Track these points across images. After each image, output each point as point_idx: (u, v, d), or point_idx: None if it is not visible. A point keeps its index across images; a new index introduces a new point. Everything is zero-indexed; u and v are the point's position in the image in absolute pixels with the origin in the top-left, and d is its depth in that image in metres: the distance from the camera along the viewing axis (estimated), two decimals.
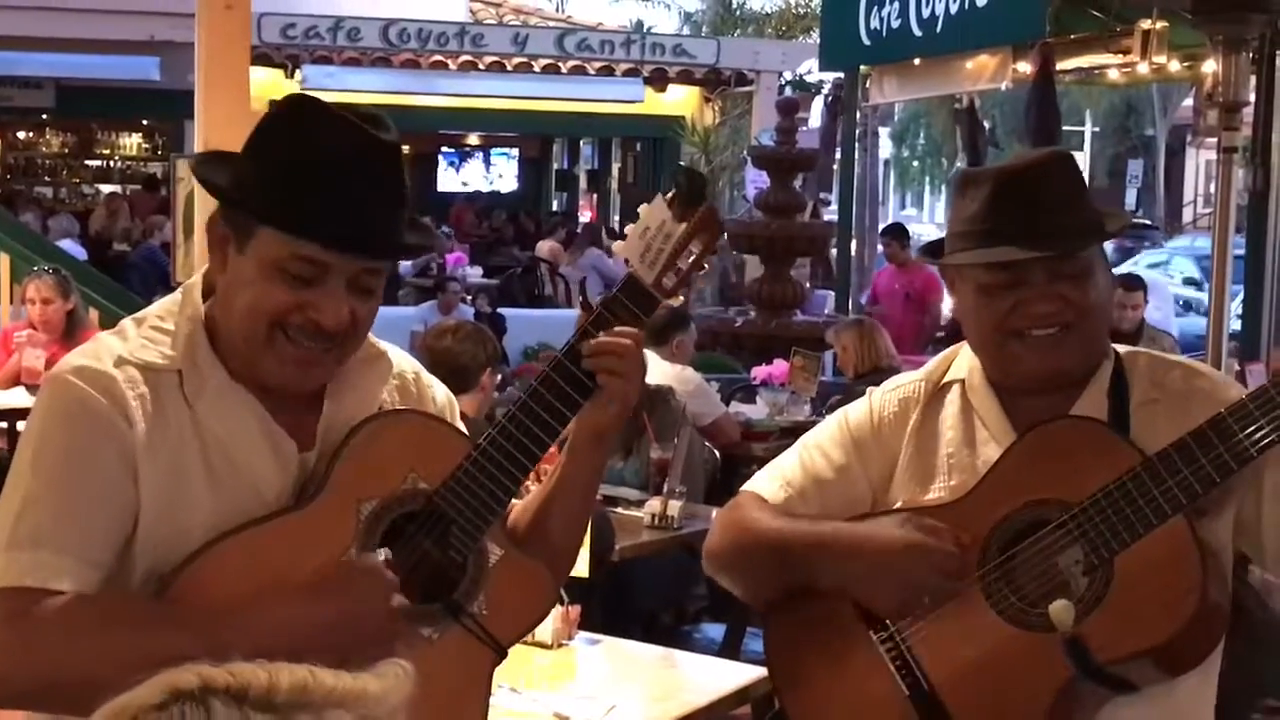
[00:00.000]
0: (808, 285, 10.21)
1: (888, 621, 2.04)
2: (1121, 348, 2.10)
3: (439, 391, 2.02)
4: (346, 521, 1.79)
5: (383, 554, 1.77)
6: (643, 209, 1.89)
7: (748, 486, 2.22)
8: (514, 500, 1.91)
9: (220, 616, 1.68)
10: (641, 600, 5.05)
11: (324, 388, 1.86)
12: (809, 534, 2.07)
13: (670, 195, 1.89)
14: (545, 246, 16.29)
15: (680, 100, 16.75)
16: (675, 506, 4.66)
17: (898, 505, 2.11)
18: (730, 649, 4.66)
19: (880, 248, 11.15)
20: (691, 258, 1.88)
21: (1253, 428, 1.86)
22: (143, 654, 1.51)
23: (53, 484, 1.71)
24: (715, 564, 2.21)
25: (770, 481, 2.19)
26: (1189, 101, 21.79)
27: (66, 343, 6.76)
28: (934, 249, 2.17)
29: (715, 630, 5.14)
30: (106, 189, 20.18)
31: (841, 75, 11.40)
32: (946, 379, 2.15)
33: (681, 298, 1.93)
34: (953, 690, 1.99)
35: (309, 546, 1.77)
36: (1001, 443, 2.04)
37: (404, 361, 2.00)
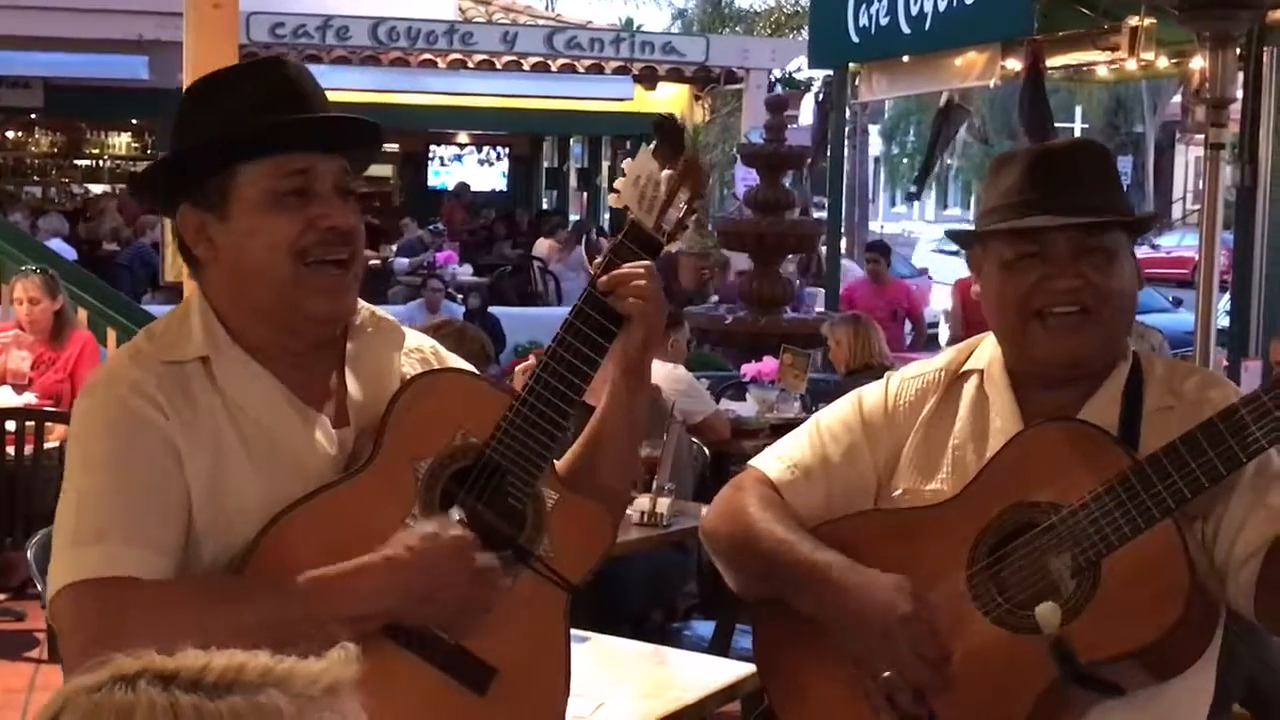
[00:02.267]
0: (797, 283, 10.22)
1: None
2: (1141, 351, 2.10)
3: (460, 364, 2.08)
4: (405, 482, 1.86)
5: (455, 514, 1.83)
6: (627, 163, 1.97)
7: (754, 463, 2.22)
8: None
9: (311, 585, 1.73)
10: (630, 598, 5.04)
11: (341, 365, 1.92)
12: (804, 560, 2.05)
13: (654, 146, 1.97)
14: (544, 245, 16.27)
15: (670, 98, 16.74)
16: (664, 504, 4.66)
17: (898, 492, 2.11)
18: (720, 646, 4.66)
19: (869, 265, 11.26)
20: (683, 204, 1.96)
21: (1243, 433, 1.86)
22: (238, 626, 1.62)
23: (106, 481, 1.76)
24: (709, 543, 2.21)
25: (778, 461, 2.19)
26: (1178, 98, 21.83)
27: (54, 343, 6.76)
28: (962, 235, 2.19)
29: (705, 628, 5.14)
30: (96, 189, 20.13)
31: (831, 73, 11.41)
32: (966, 368, 2.15)
33: (680, 242, 2.01)
34: (938, 691, 1.98)
35: (375, 510, 1.83)
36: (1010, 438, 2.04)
37: (419, 338, 2.08)
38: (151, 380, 1.80)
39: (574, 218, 20.37)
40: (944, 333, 13.53)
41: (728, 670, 3.24)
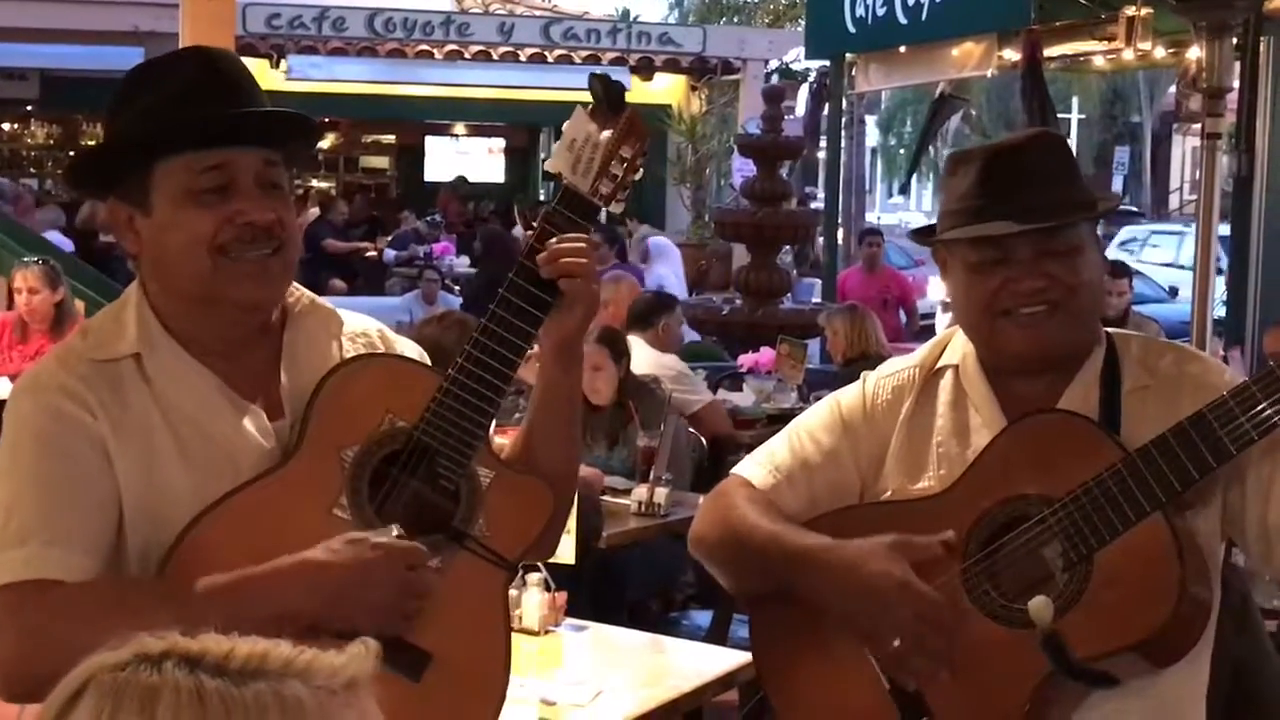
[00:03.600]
0: (794, 273, 10.23)
1: None
2: (1114, 331, 2.10)
3: (408, 347, 2.04)
4: (331, 471, 1.82)
5: (395, 530, 1.78)
6: (565, 125, 1.92)
7: (737, 470, 2.22)
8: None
9: (230, 587, 1.70)
10: (629, 587, 5.05)
11: (279, 356, 1.89)
12: (797, 545, 2.05)
13: (590, 107, 1.93)
14: None
15: (666, 89, 16.74)
16: (662, 494, 4.67)
17: (886, 495, 2.11)
18: (717, 635, 4.67)
19: (865, 249, 11.17)
20: (625, 164, 1.92)
21: (1232, 424, 1.86)
22: (154, 627, 1.57)
23: (31, 483, 1.74)
24: (699, 550, 2.20)
25: (758, 466, 2.18)
26: (1175, 88, 21.81)
27: (55, 333, 6.71)
28: (925, 232, 2.18)
29: (702, 617, 5.15)
30: None
31: (827, 63, 11.41)
32: (940, 364, 2.14)
33: (621, 203, 1.95)
34: (932, 684, 1.99)
35: (299, 502, 1.80)
36: (992, 430, 2.03)
37: (364, 322, 2.02)
38: (79, 381, 1.78)
39: None
40: (941, 321, 13.51)
41: (725, 659, 3.25)
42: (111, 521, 1.76)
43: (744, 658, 3.19)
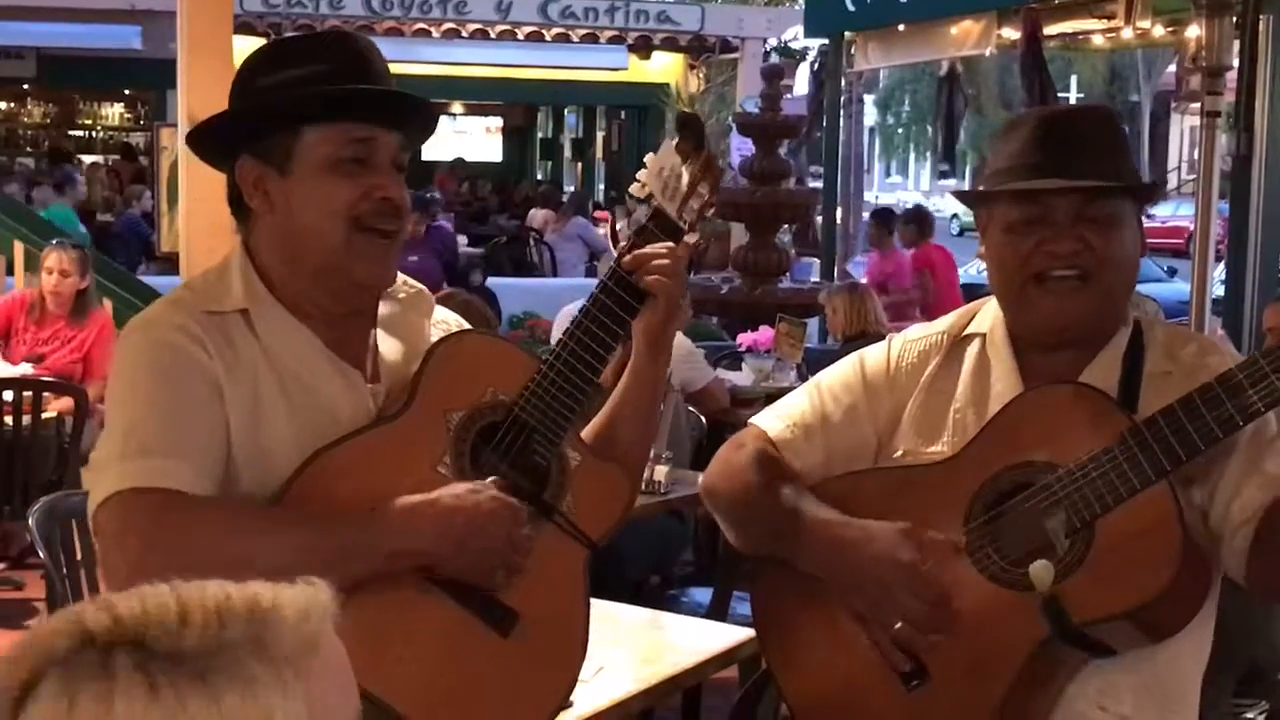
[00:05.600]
0: (792, 252, 10.21)
1: None
2: (1141, 317, 2.11)
3: None
4: (437, 431, 1.94)
5: (492, 481, 1.90)
6: (650, 157, 2.05)
7: (755, 421, 2.24)
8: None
9: (363, 515, 1.80)
10: (628, 565, 5.06)
11: (372, 325, 2.00)
12: (804, 518, 2.07)
13: (677, 141, 2.06)
14: (539, 216, 16.24)
15: (665, 67, 16.70)
16: (662, 472, 4.67)
17: (898, 455, 2.13)
18: (717, 612, 4.68)
19: (898, 230, 10.62)
20: (702, 200, 2.06)
21: (1239, 398, 1.86)
22: (288, 545, 1.72)
23: (150, 408, 1.81)
24: (711, 501, 2.23)
25: (777, 419, 2.21)
26: (1174, 67, 21.79)
27: (74, 319, 6.68)
28: (968, 196, 2.20)
29: (702, 594, 5.16)
30: (89, 159, 20.07)
31: (826, 41, 11.38)
32: (968, 331, 2.17)
33: (698, 235, 2.12)
34: (931, 646, 2.01)
35: (408, 454, 1.91)
36: None
37: (444, 311, 2.17)
38: (194, 323, 1.85)
39: (568, 188, 20.32)
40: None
41: (726, 635, 3.26)
42: (223, 455, 1.83)
43: (745, 634, 3.20)
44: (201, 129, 1.99)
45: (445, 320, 2.14)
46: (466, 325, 2.16)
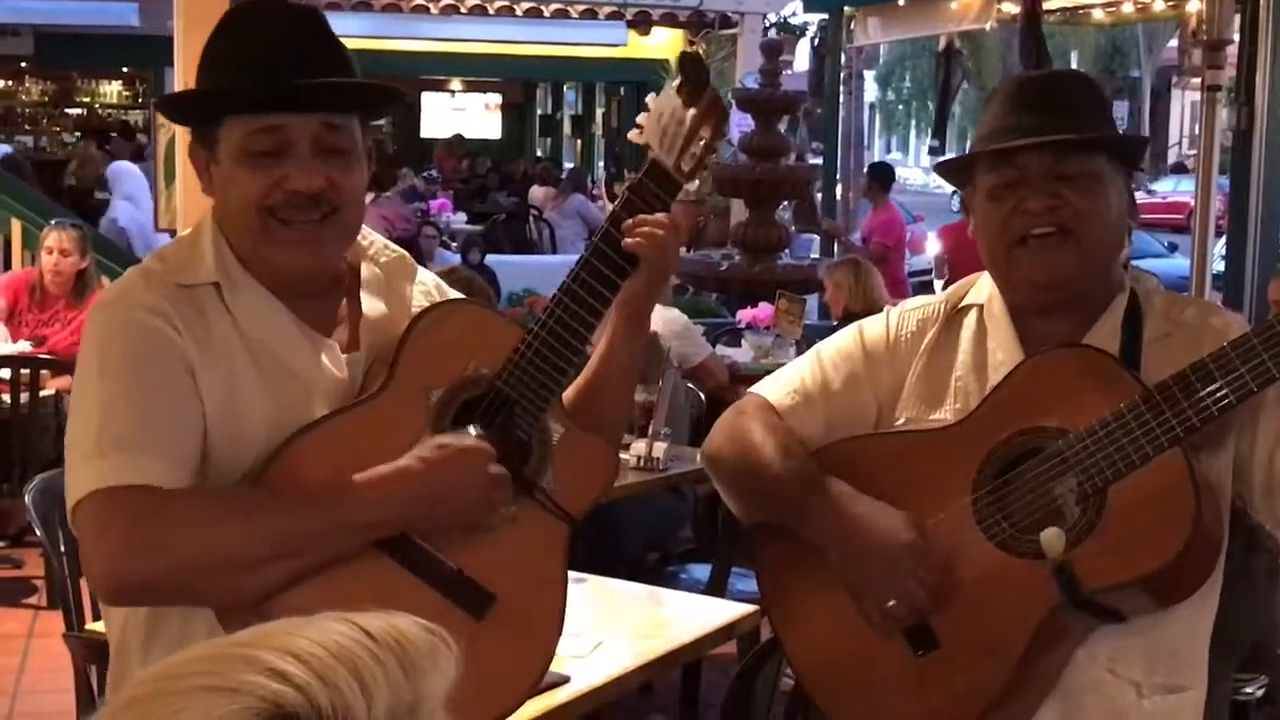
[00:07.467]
0: (792, 229, 10.19)
1: None
2: (1137, 285, 2.10)
3: (456, 297, 2.11)
4: (417, 409, 1.90)
5: (472, 430, 1.86)
6: (651, 98, 1.98)
7: (756, 389, 2.23)
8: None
9: (329, 493, 1.78)
10: (626, 541, 5.07)
11: (352, 292, 1.96)
12: (808, 488, 2.06)
13: (678, 83, 1.97)
14: (539, 193, 16.21)
15: (664, 43, 16.61)
16: (660, 448, 4.67)
17: (900, 422, 2.12)
18: (716, 588, 4.68)
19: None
20: (703, 142, 1.96)
21: (1254, 363, 1.84)
22: (257, 533, 1.71)
23: (123, 393, 1.77)
24: (713, 468, 2.22)
25: (779, 387, 2.20)
26: (1174, 42, 21.72)
27: (73, 299, 6.66)
28: (950, 166, 2.20)
29: (701, 570, 5.17)
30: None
31: (826, 16, 11.34)
32: (965, 302, 2.16)
33: (698, 181, 2.03)
34: (939, 613, 2.00)
35: (386, 433, 1.86)
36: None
37: (425, 273, 2.11)
38: (164, 299, 1.82)
39: (568, 165, 20.27)
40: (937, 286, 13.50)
41: (724, 610, 3.26)
42: (199, 438, 1.80)
43: (743, 610, 3.21)
44: (161, 103, 2.07)
45: (423, 282, 2.08)
46: (449, 289, 2.11)
